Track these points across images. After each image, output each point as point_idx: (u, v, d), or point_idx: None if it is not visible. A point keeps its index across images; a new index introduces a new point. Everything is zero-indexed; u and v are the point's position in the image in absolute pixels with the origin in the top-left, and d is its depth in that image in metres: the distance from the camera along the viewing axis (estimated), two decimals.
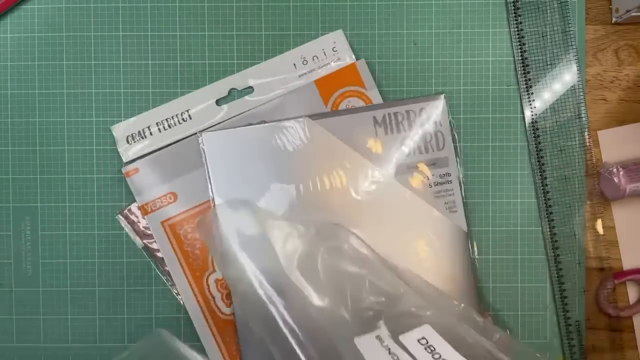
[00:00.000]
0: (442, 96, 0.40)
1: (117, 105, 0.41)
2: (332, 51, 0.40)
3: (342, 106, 0.40)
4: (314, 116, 0.39)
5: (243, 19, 0.41)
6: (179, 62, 0.41)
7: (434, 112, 0.39)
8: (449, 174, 0.39)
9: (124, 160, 0.40)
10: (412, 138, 0.39)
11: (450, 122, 0.40)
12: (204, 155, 0.39)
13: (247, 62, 0.41)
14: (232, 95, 0.41)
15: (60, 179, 0.41)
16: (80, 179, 0.41)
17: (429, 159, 0.39)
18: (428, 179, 0.39)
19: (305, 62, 0.40)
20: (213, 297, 0.40)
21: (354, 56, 0.40)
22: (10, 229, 0.41)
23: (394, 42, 0.41)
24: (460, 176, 0.40)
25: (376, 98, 0.40)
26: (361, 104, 0.40)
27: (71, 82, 0.41)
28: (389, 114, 0.39)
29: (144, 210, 0.40)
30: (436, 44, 0.41)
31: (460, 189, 0.40)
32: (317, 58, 0.40)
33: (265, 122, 0.40)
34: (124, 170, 0.40)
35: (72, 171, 0.41)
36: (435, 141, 0.39)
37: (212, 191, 0.39)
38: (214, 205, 0.39)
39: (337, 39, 0.40)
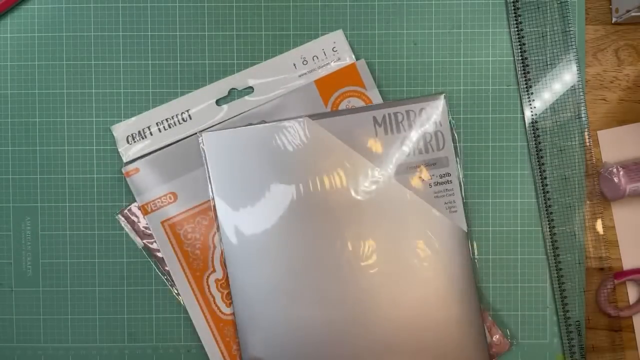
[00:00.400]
0: (442, 96, 0.40)
1: (117, 105, 0.41)
2: (332, 51, 0.40)
3: (342, 106, 0.40)
4: (314, 116, 0.39)
5: (243, 19, 0.41)
6: (179, 62, 0.41)
7: (434, 112, 0.39)
8: (449, 174, 0.39)
9: (124, 160, 0.40)
10: (412, 138, 0.39)
11: (450, 122, 0.40)
12: (204, 155, 0.39)
13: (247, 62, 0.41)
14: (232, 95, 0.41)
15: (60, 179, 0.41)
16: (80, 179, 0.41)
17: (429, 159, 0.39)
18: (428, 180, 0.39)
19: (305, 62, 0.40)
20: (213, 297, 0.40)
21: (354, 56, 0.40)
22: (10, 229, 0.41)
23: (394, 42, 0.41)
24: (460, 176, 0.40)
25: (376, 98, 0.40)
26: (361, 104, 0.40)
27: (71, 82, 0.41)
28: (389, 114, 0.39)
29: (144, 210, 0.40)
30: (436, 44, 0.41)
31: (460, 189, 0.40)
32: (317, 58, 0.40)
33: (265, 122, 0.40)
34: (124, 170, 0.40)
35: (72, 171, 0.41)
36: (435, 141, 0.39)
37: (212, 191, 0.39)
38: (214, 206, 0.39)
39: (337, 39, 0.40)
